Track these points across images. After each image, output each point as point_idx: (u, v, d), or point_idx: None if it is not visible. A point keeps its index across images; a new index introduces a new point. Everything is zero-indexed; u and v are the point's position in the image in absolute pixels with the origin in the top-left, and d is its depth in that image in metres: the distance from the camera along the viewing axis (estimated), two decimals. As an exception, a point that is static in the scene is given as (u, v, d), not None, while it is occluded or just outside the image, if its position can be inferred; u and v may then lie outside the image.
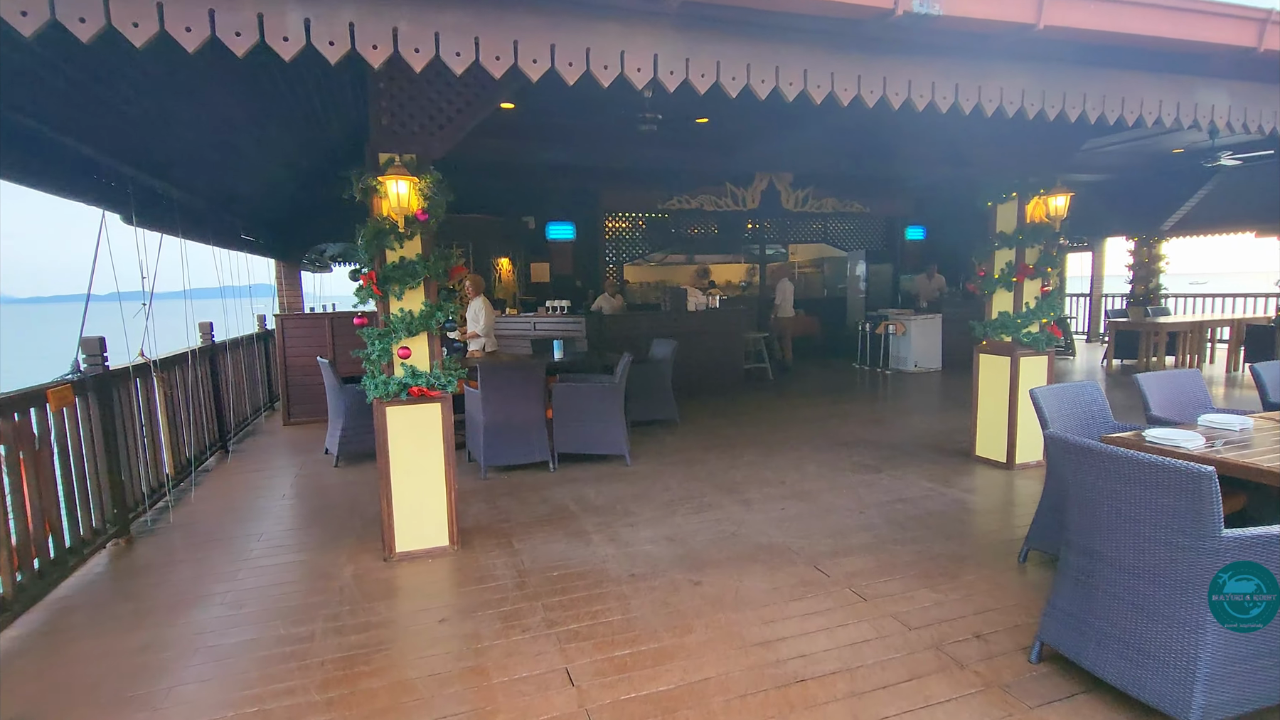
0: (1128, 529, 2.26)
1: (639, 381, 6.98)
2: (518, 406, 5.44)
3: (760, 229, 13.11)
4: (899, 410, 7.88)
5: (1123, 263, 14.09)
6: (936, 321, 10.98)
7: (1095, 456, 2.30)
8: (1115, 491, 2.27)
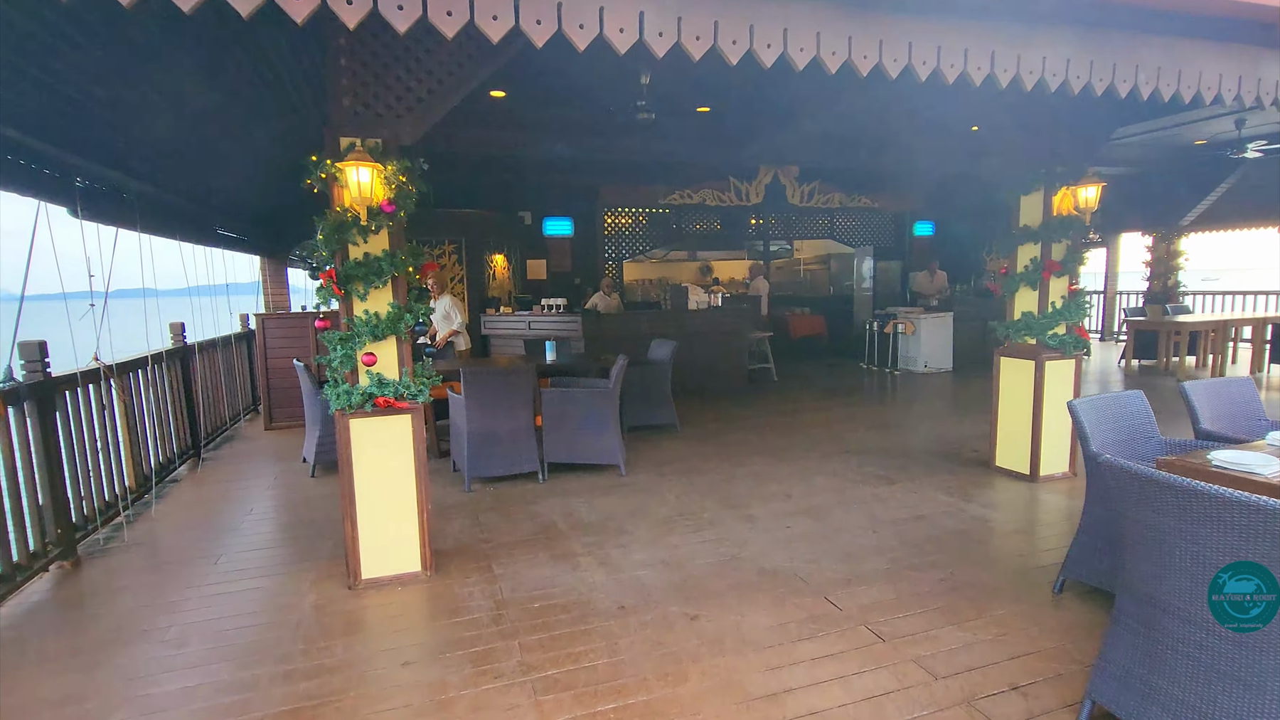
0: (1205, 578, 1.89)
1: (636, 385, 6.61)
2: (505, 413, 5.08)
3: (765, 225, 12.72)
4: (910, 414, 7.50)
5: (1138, 259, 13.67)
6: (947, 321, 10.58)
7: (1165, 490, 1.92)
8: (1188, 533, 1.89)
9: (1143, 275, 12.25)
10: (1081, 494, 4.64)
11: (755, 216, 12.78)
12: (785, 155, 9.41)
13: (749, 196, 12.23)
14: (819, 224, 13.30)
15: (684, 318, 9.20)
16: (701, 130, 8.54)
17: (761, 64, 2.50)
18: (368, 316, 3.32)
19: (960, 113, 7.40)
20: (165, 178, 5.26)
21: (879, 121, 8.50)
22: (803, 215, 13.06)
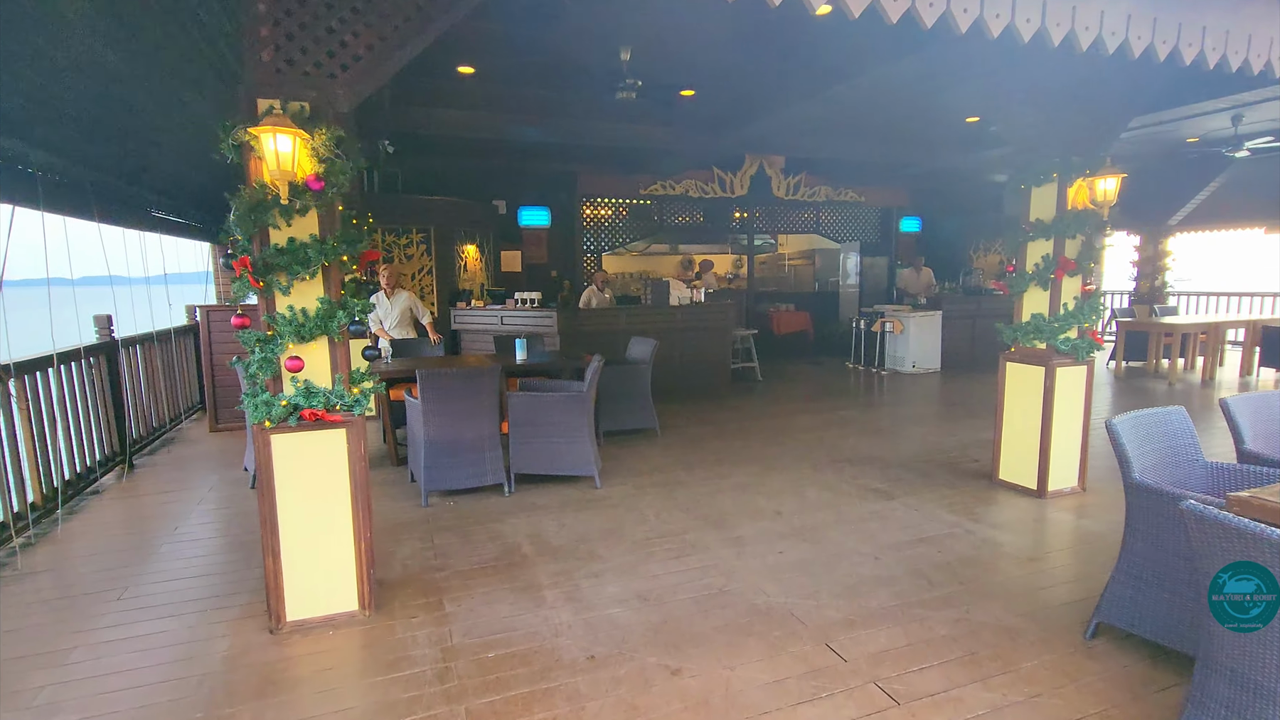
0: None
1: (614, 386, 6.15)
2: (466, 420, 4.58)
3: (749, 218, 12.30)
4: (902, 419, 7.13)
5: (1122, 259, 13.53)
6: (936, 320, 10.26)
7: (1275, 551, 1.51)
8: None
9: (1129, 275, 12.05)
10: (1093, 512, 4.31)
11: (739, 209, 12.35)
12: (772, 143, 8.98)
13: (733, 188, 11.80)
14: (804, 218, 12.91)
15: (665, 314, 8.74)
16: (685, 115, 8.08)
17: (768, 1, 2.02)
18: (292, 314, 2.80)
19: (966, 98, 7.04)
20: (79, 150, 4.66)
21: (870, 110, 8.10)
22: (788, 209, 12.66)
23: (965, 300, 10.63)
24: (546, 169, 10.81)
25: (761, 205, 12.34)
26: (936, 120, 8.82)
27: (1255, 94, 6.40)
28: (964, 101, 7.63)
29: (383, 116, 6.91)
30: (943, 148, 9.53)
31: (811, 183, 12.36)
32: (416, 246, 9.03)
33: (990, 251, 13.26)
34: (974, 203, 14.32)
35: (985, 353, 10.79)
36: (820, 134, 8.68)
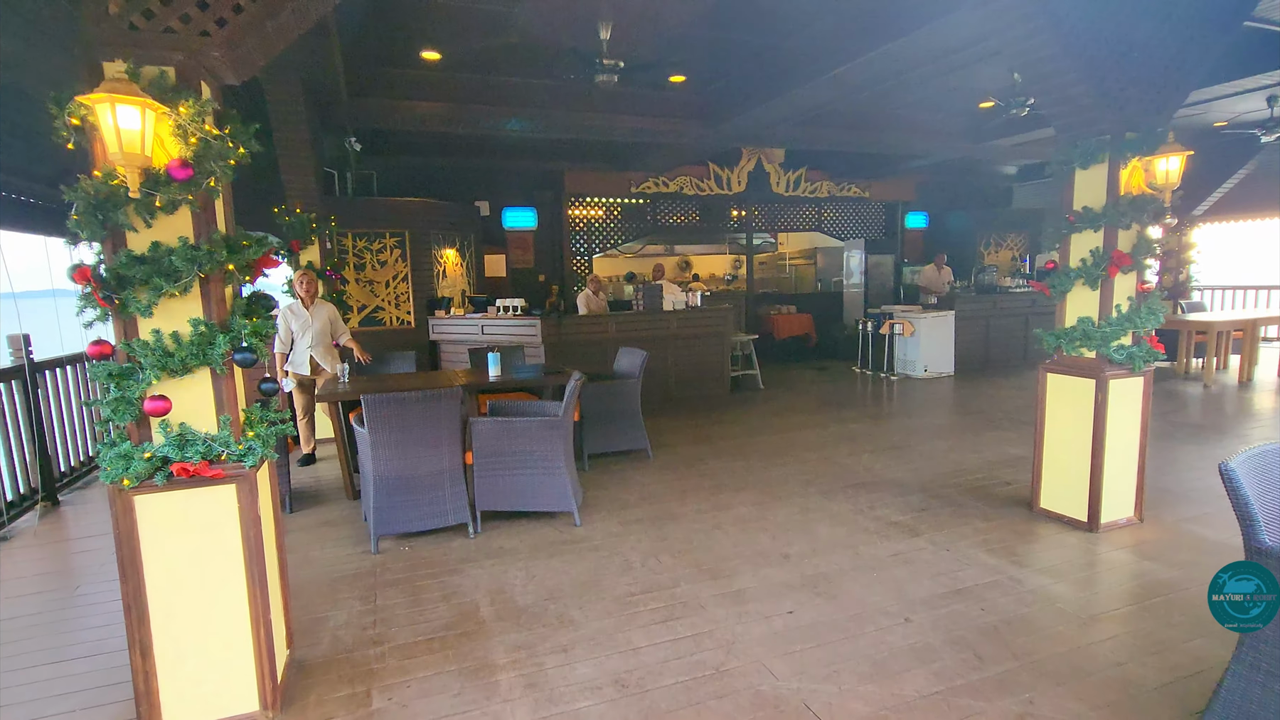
0: None
1: (600, 404, 5.52)
2: (423, 451, 3.95)
3: (748, 216, 11.68)
4: (919, 432, 6.49)
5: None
6: (948, 320, 9.62)
7: None
8: None
9: (1153, 270, 11.38)
10: (1158, 551, 3.59)
11: (737, 207, 11.73)
12: (770, 134, 8.35)
13: (730, 185, 11.19)
14: (806, 215, 12.29)
15: (658, 319, 8.11)
16: (676, 104, 7.46)
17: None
18: (158, 340, 2.17)
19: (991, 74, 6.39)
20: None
21: (877, 96, 7.47)
22: (788, 205, 12.05)
23: (979, 299, 9.99)
24: (531, 168, 10.22)
25: (760, 202, 11.73)
26: (948, 105, 8.20)
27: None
28: (989, 77, 7.00)
29: (343, 110, 6.30)
30: (950, 137, 8.90)
31: (813, 178, 11.76)
32: (390, 252, 8.41)
33: (1002, 247, 12.62)
34: (982, 196, 13.70)
35: (1001, 355, 10.15)
36: (822, 123, 8.06)
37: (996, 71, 6.88)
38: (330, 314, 5.46)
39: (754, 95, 6.70)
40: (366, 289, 8.35)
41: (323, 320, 5.38)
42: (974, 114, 8.66)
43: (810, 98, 6.42)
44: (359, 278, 8.30)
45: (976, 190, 13.60)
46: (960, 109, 8.53)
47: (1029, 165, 12.63)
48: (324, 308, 5.44)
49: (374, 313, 8.43)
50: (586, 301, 8.27)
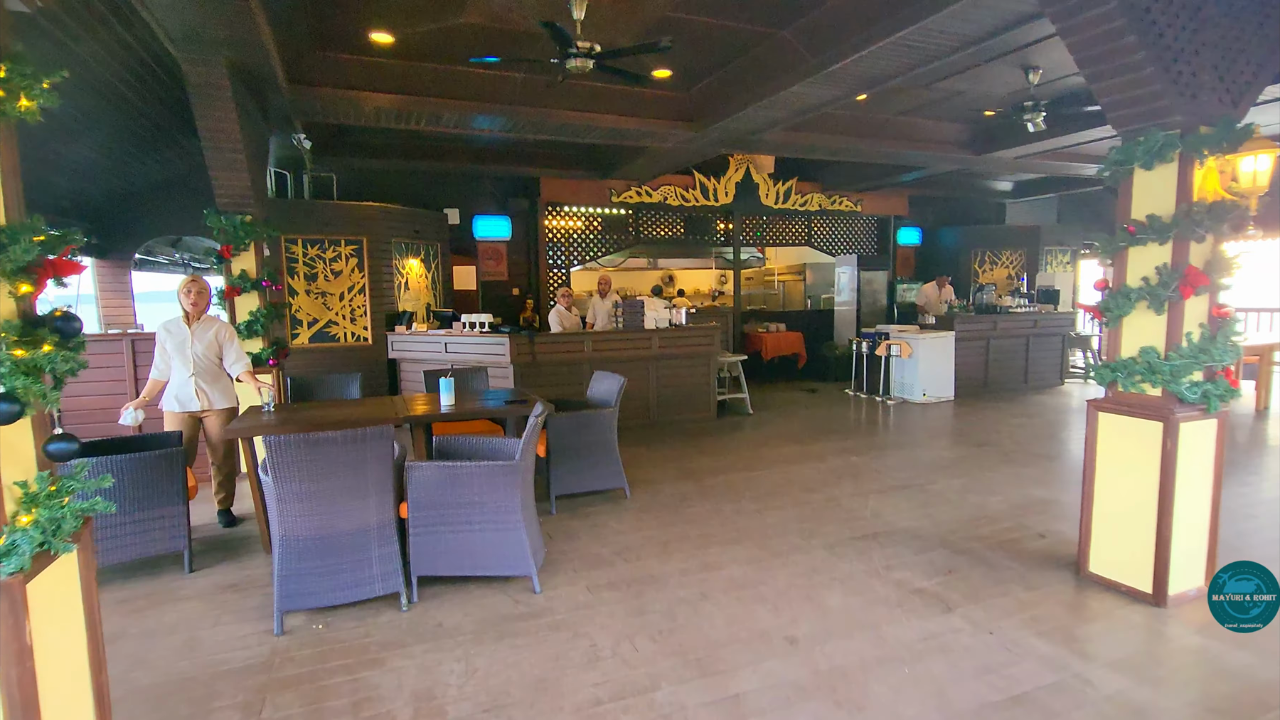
0: None
1: (571, 437, 4.79)
2: (345, 503, 3.19)
3: (735, 229, 11.07)
4: (927, 466, 5.83)
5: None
6: (948, 341, 9.04)
7: None
8: None
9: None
10: (1247, 635, 2.91)
11: (723, 220, 11.13)
12: (761, 139, 7.73)
13: (717, 195, 10.59)
14: (796, 228, 11.73)
15: (639, 339, 7.42)
16: (660, 103, 6.82)
17: None
18: None
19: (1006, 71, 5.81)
20: None
21: (874, 101, 6.91)
22: (777, 219, 11.48)
23: (978, 320, 9.44)
24: (505, 173, 9.53)
25: (748, 214, 11.14)
26: (950, 112, 7.66)
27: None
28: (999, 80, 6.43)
29: (282, 100, 5.56)
30: (954, 146, 8.37)
31: (803, 189, 11.20)
32: (345, 261, 7.64)
33: (997, 265, 12.14)
34: (974, 213, 13.26)
35: (1002, 378, 9.59)
36: (815, 127, 7.47)
37: (1009, 73, 6.34)
38: (219, 334, 4.34)
39: (744, 94, 6.07)
40: (318, 301, 7.57)
41: (206, 342, 4.26)
42: (977, 122, 8.14)
43: (805, 98, 5.80)
44: (310, 289, 7.53)
45: (968, 206, 13.15)
46: (963, 116, 8.01)
47: (1023, 181, 12.20)
48: (210, 326, 4.34)
49: (326, 328, 7.65)
50: (560, 318, 7.56)
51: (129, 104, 5.39)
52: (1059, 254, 12.01)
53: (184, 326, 4.26)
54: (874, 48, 4.64)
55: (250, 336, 5.68)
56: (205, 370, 4.29)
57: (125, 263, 7.20)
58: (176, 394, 4.25)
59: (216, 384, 4.31)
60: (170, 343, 4.23)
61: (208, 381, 4.29)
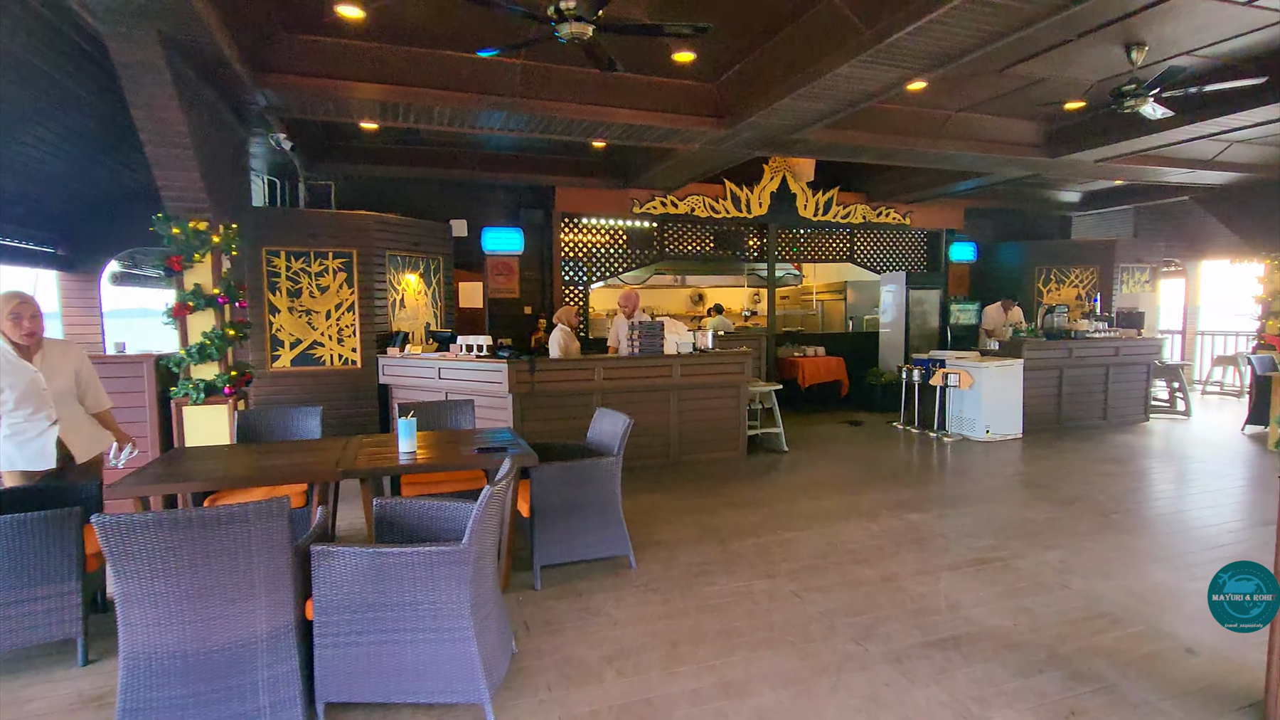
0: None
1: (560, 492, 3.85)
2: (221, 611, 2.30)
3: (770, 243, 10.09)
4: (1007, 529, 4.72)
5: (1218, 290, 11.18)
6: (1015, 371, 7.88)
7: None
8: None
9: (1251, 311, 9.58)
10: None
11: (757, 233, 10.17)
12: (800, 138, 6.78)
13: (749, 206, 9.66)
14: (836, 243, 10.69)
15: (659, 366, 6.48)
16: (684, 96, 5.93)
17: None
18: None
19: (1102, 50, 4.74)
20: None
21: (931, 95, 5.91)
22: (817, 232, 10.47)
23: (1050, 346, 8.26)
24: (518, 182, 8.75)
25: (784, 227, 10.16)
26: (1021, 106, 6.58)
27: None
28: (1090, 63, 5.32)
29: (247, 91, 4.83)
30: (1024, 146, 7.28)
31: (846, 200, 10.19)
32: (333, 275, 6.89)
33: (1064, 284, 10.89)
34: (1038, 227, 12.04)
35: (1077, 414, 8.36)
36: (861, 125, 6.49)
37: (1104, 52, 5.28)
38: (79, 365, 3.39)
39: (781, 81, 5.14)
40: (301, 320, 6.83)
41: (65, 376, 3.29)
42: (1053, 119, 7.06)
43: (855, 82, 4.84)
44: (293, 305, 6.79)
45: (1030, 220, 11.96)
46: (1035, 113, 6.94)
47: (1094, 192, 10.98)
48: (68, 355, 3.36)
49: (310, 349, 6.89)
50: (566, 342, 6.66)
51: (71, 95, 4.72)
52: (1136, 272, 10.71)
53: (20, 361, 3.18)
54: (948, 7, 3.67)
55: (202, 361, 4.92)
56: (69, 413, 3.35)
57: (92, 276, 6.58)
58: (22, 450, 3.22)
59: (81, 429, 3.41)
60: (3, 379, 3.14)
61: (72, 427, 3.35)
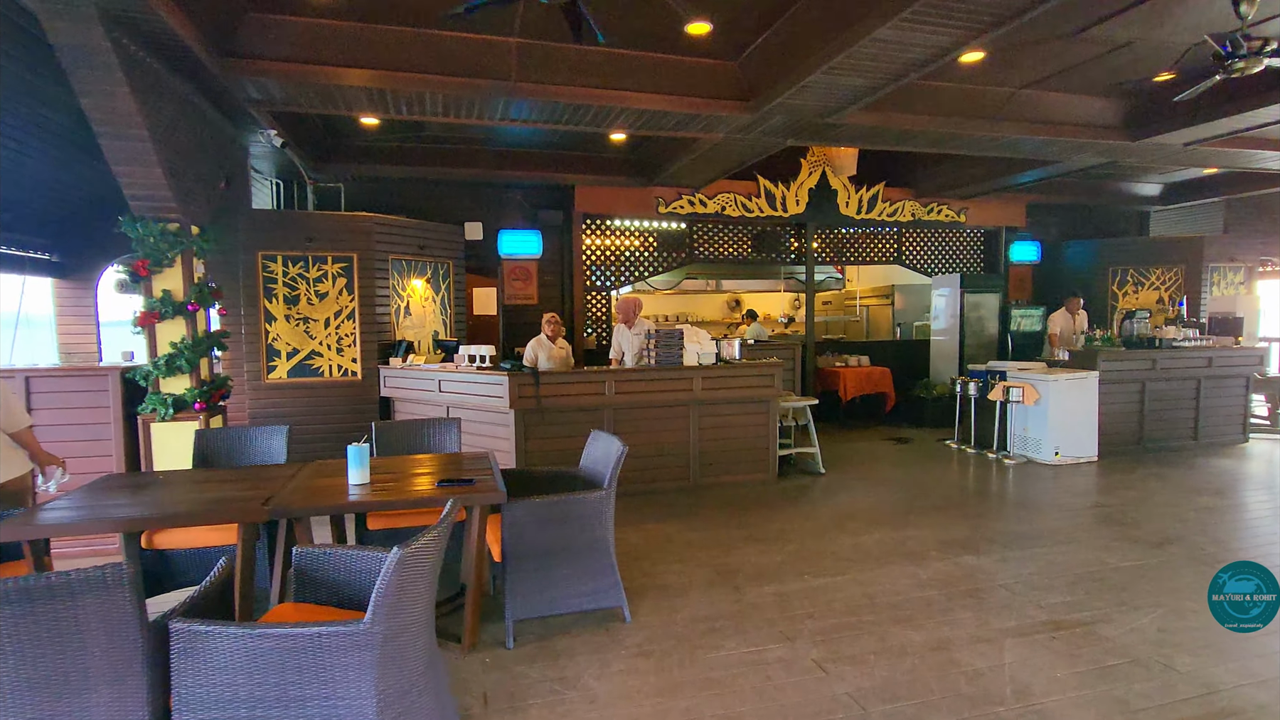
0: None
1: (537, 533, 3.25)
2: (50, 710, 1.77)
3: (808, 244, 9.32)
4: (1089, 583, 3.88)
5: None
6: (1089, 385, 6.93)
7: None
8: None
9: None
10: None
11: (795, 234, 9.41)
12: (838, 122, 6.04)
13: (785, 204, 8.92)
14: (882, 244, 9.84)
15: (677, 378, 5.83)
16: (704, 77, 5.28)
17: None
18: None
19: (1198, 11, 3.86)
20: None
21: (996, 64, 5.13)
22: (859, 232, 9.64)
23: (1131, 356, 7.27)
24: (535, 181, 8.25)
25: (824, 227, 9.38)
26: (1097, 76, 5.68)
27: None
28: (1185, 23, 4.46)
29: (209, 72, 4.41)
30: (1102, 128, 6.37)
31: (892, 196, 9.34)
32: (332, 281, 6.49)
33: (1143, 286, 9.77)
34: (1110, 224, 10.91)
35: (1162, 434, 7.34)
36: (909, 105, 5.72)
37: (1202, 8, 4.41)
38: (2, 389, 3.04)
39: (812, 53, 4.45)
40: (299, 328, 6.44)
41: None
42: (1137, 95, 6.14)
43: (898, 50, 4.12)
44: (291, 313, 6.41)
45: (1101, 216, 10.84)
46: (1113, 88, 6.04)
47: (1177, 184, 9.85)
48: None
49: (308, 359, 6.49)
50: (537, 351, 6.13)
51: (23, 83, 4.39)
52: (1229, 273, 9.52)
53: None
54: None
55: (171, 374, 4.52)
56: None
57: (88, 283, 6.33)
58: None
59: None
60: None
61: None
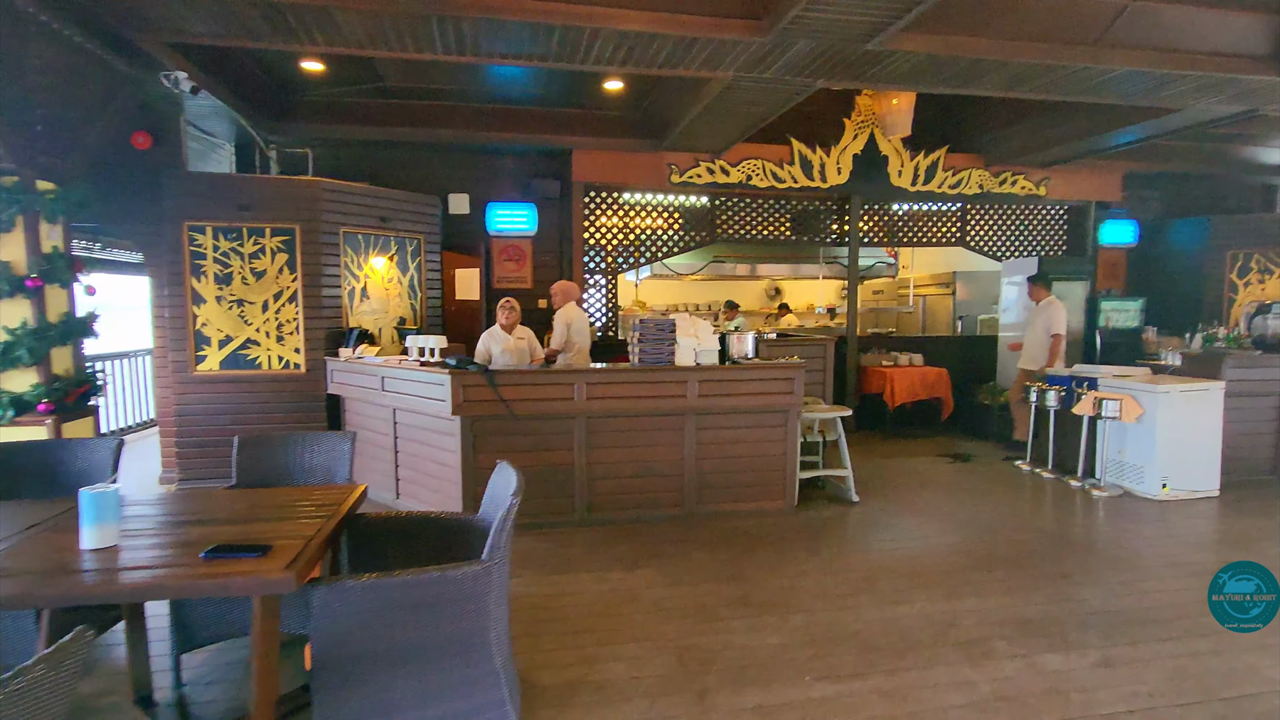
0: None
1: (381, 631, 2.12)
2: None
3: (852, 222, 7.90)
4: (1235, 710, 2.51)
5: None
6: (1212, 398, 5.37)
7: None
8: None
9: None
10: None
11: (836, 209, 8.00)
12: (884, 55, 4.69)
13: (825, 173, 7.53)
14: (943, 222, 8.31)
15: (667, 381, 4.62)
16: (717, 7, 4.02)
17: None
18: None
19: None
20: None
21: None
22: (915, 208, 8.14)
23: (1263, 362, 5.65)
24: (528, 144, 7.11)
25: (872, 200, 7.93)
26: None
27: None
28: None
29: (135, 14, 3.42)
30: (1241, 59, 4.79)
31: (955, 164, 7.82)
32: (271, 257, 5.52)
33: (1272, 274, 7.95)
34: (1225, 199, 9.03)
35: (1309, 461, 5.69)
36: (979, 26, 4.32)
37: None
38: None
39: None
40: (232, 312, 5.51)
41: None
42: None
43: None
44: (222, 294, 5.48)
45: (1214, 189, 8.98)
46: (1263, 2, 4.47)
47: (1319, 147, 7.95)
48: None
49: (243, 349, 5.56)
50: (490, 343, 5.01)
51: None
52: (1388, 257, 7.63)
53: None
54: None
55: (8, 367, 3.59)
56: None
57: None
58: None
59: None
60: None
61: None
